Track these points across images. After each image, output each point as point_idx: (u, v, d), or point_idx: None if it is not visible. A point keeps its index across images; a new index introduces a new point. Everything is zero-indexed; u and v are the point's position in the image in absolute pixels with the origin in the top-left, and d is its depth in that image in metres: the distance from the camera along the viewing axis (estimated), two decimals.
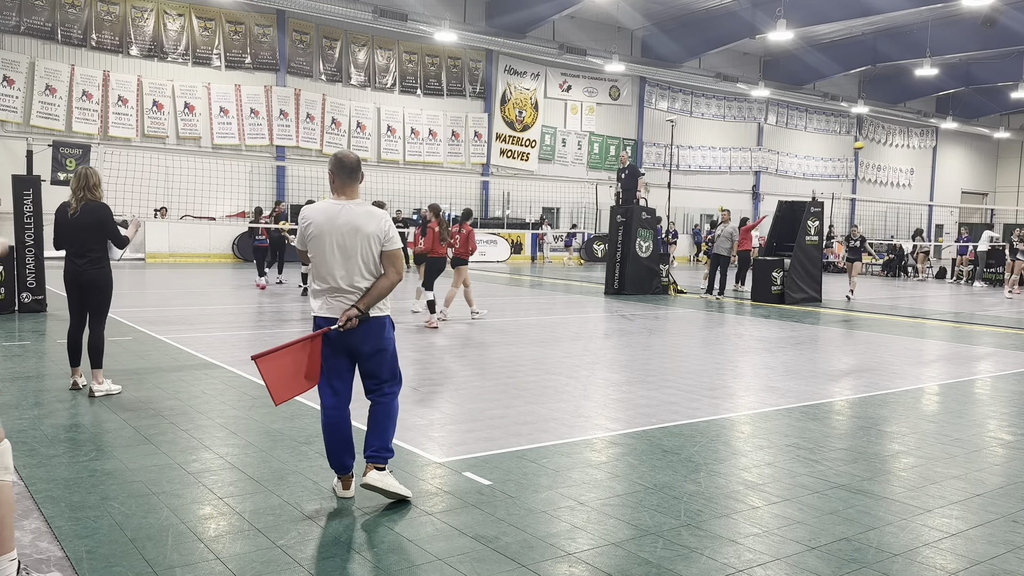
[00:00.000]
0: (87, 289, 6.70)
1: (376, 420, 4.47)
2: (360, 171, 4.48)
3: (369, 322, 4.34)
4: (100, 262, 6.69)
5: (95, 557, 3.64)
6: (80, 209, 6.59)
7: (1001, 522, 4.41)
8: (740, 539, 4.07)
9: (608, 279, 17.74)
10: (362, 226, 4.31)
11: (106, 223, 6.65)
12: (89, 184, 6.64)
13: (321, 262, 4.34)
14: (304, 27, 26.56)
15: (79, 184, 6.62)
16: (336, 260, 4.31)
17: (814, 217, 17.00)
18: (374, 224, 4.34)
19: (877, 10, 26.77)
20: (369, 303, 4.31)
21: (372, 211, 4.37)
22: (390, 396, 4.50)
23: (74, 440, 5.43)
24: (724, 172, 37.61)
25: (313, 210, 4.41)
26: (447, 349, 9.64)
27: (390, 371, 4.49)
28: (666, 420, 6.45)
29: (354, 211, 4.35)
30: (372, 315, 4.35)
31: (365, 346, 4.37)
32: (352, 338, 4.33)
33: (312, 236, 4.35)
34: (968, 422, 6.75)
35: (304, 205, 5.22)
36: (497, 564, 3.70)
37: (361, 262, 4.33)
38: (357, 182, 4.46)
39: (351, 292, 4.33)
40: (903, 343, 11.50)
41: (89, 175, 6.67)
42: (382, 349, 4.42)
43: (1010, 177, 49.02)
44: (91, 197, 6.65)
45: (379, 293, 4.35)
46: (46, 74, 22.77)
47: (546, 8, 27.19)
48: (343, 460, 4.47)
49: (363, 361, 4.42)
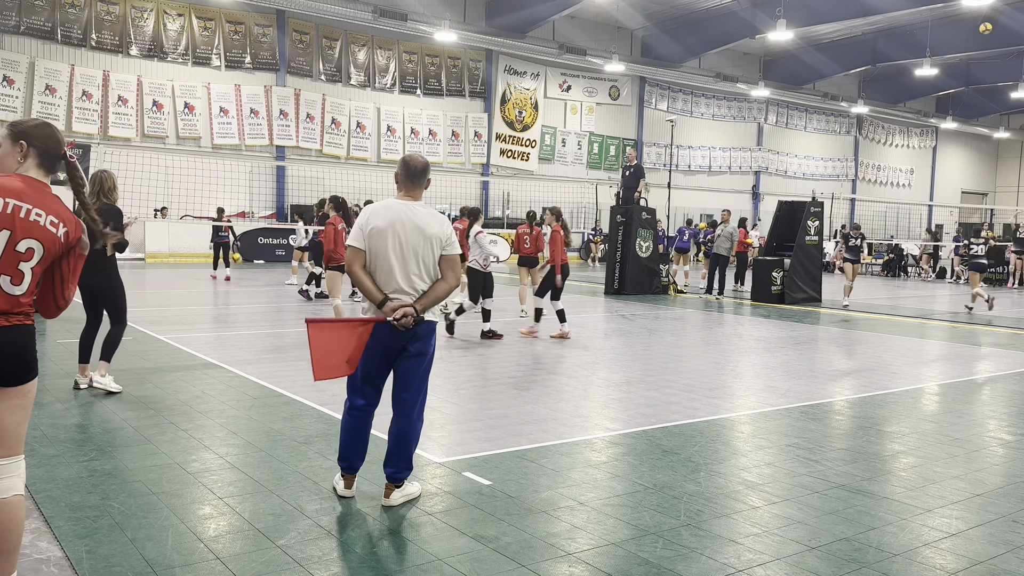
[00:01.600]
0: (97, 295, 6.80)
1: (400, 435, 4.40)
2: (426, 175, 4.47)
3: (423, 324, 4.31)
4: (106, 267, 6.67)
5: (95, 557, 3.64)
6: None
7: (1001, 522, 4.41)
8: (740, 539, 4.07)
9: (608, 279, 17.74)
10: (426, 227, 4.30)
11: (112, 228, 6.54)
12: (104, 188, 6.63)
13: (380, 259, 4.28)
14: (304, 27, 26.55)
15: (93, 189, 6.58)
16: (396, 258, 4.27)
17: (814, 217, 17.01)
18: (437, 226, 4.34)
19: (877, 10, 26.77)
20: (426, 305, 4.28)
21: (436, 214, 4.38)
22: (416, 410, 4.43)
23: (74, 440, 5.43)
24: (724, 172, 37.61)
25: (378, 207, 4.38)
26: (447, 349, 9.64)
27: (421, 381, 4.41)
28: (666, 420, 6.45)
29: (419, 211, 4.35)
30: (426, 318, 4.32)
31: (412, 346, 4.31)
32: (403, 337, 4.28)
33: (374, 232, 4.28)
34: (968, 422, 6.75)
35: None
36: (497, 564, 3.70)
37: (422, 263, 4.30)
38: (422, 187, 4.45)
39: (408, 293, 4.29)
40: (903, 343, 11.50)
41: (104, 179, 6.65)
42: (423, 353, 4.37)
43: (1010, 177, 49.02)
44: (106, 201, 6.62)
45: (436, 296, 4.32)
46: (46, 74, 22.77)
47: (546, 8, 27.18)
48: (354, 462, 4.47)
49: (402, 362, 4.34)
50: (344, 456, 4.46)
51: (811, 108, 39.86)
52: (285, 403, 6.59)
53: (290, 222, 23.13)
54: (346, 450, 4.45)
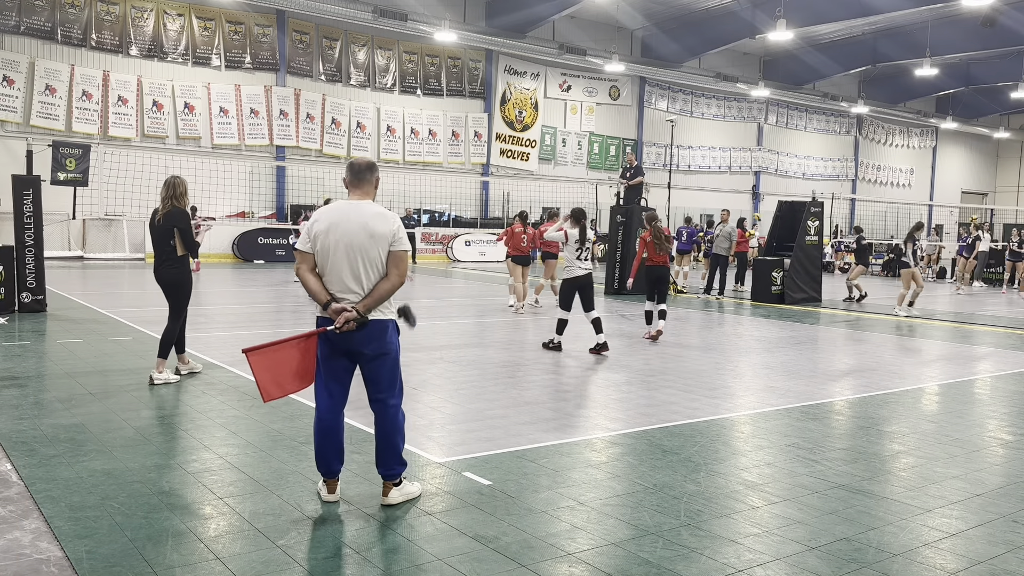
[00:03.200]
0: (164, 288, 7.32)
1: (384, 434, 4.42)
2: (374, 174, 4.48)
3: (369, 325, 4.28)
4: (175, 263, 7.22)
5: (95, 557, 3.64)
6: (164, 216, 7.15)
7: (1001, 522, 4.41)
8: (740, 539, 4.07)
9: (608, 279, 17.73)
10: (372, 226, 4.28)
11: (179, 228, 7.16)
12: (176, 193, 7.21)
13: (327, 261, 4.28)
14: (304, 27, 26.54)
15: (167, 193, 7.21)
16: (342, 260, 4.25)
17: (814, 217, 17.00)
18: (384, 224, 4.31)
19: (877, 10, 26.75)
20: (369, 305, 4.25)
21: (383, 212, 4.36)
22: (394, 408, 4.43)
23: (74, 440, 5.43)
24: (724, 172, 37.60)
25: (325, 209, 4.41)
26: (447, 349, 9.64)
27: (390, 378, 4.41)
28: (666, 420, 6.45)
29: (366, 210, 4.32)
30: (373, 318, 4.29)
31: (367, 348, 4.31)
32: (353, 340, 4.28)
33: (319, 234, 4.28)
34: (968, 422, 6.75)
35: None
36: (497, 564, 3.70)
37: (368, 262, 4.28)
38: (371, 184, 4.46)
39: (355, 292, 4.28)
40: (903, 343, 11.50)
41: (176, 184, 7.25)
42: (384, 353, 4.35)
43: (1010, 177, 49.01)
44: (177, 205, 7.20)
45: (380, 295, 4.28)
46: (46, 74, 22.76)
47: (546, 8, 27.17)
48: (332, 466, 4.43)
49: (364, 364, 4.37)
50: (320, 461, 4.43)
51: (811, 108, 39.85)
52: (285, 403, 6.59)
53: (302, 221, 23.06)
54: (321, 455, 4.41)
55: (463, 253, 28.17)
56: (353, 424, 5.60)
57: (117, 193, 21.69)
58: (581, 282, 9.59)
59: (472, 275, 22.57)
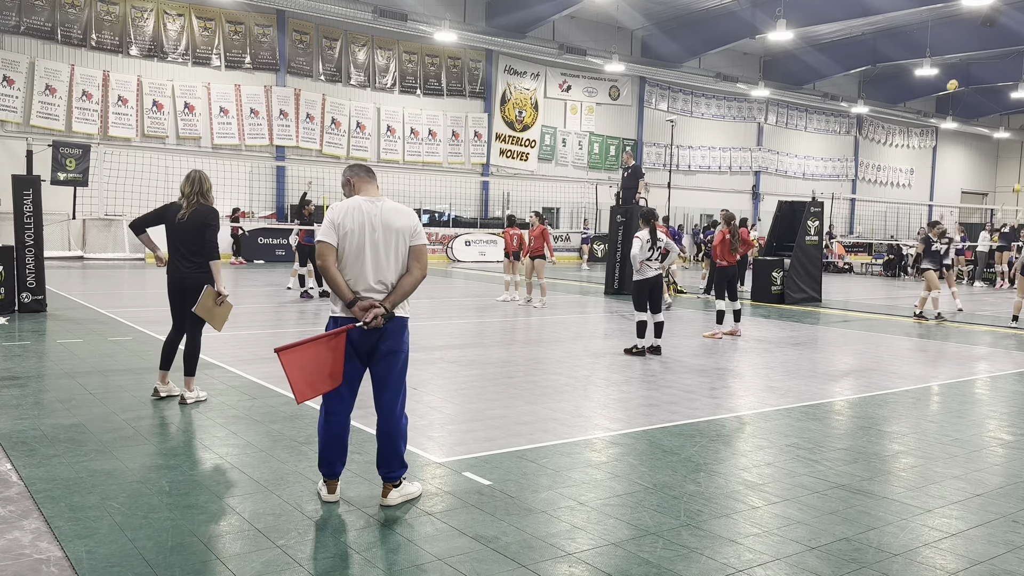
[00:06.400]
0: (188, 293, 6.53)
1: (387, 436, 4.41)
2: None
3: (393, 321, 4.29)
4: (202, 267, 6.52)
5: (95, 557, 3.64)
6: (189, 214, 6.46)
7: (1001, 522, 4.41)
8: (740, 539, 4.07)
9: (608, 279, 17.73)
10: (394, 222, 4.30)
11: (208, 229, 6.48)
12: (203, 189, 6.55)
13: (353, 260, 4.26)
14: (304, 27, 26.54)
15: (192, 189, 6.51)
16: (368, 257, 4.25)
17: (814, 217, 17.01)
18: (404, 220, 4.35)
19: (877, 10, 26.75)
20: (395, 301, 4.26)
21: (401, 208, 4.39)
22: (398, 411, 4.42)
23: (74, 440, 5.43)
24: (724, 172, 37.60)
25: (348, 207, 4.32)
26: (447, 349, 9.64)
27: (399, 379, 4.40)
28: (666, 420, 6.45)
29: (386, 207, 4.35)
30: (396, 314, 4.30)
31: (384, 345, 4.31)
32: (373, 337, 4.28)
33: (347, 232, 4.25)
34: (968, 422, 6.75)
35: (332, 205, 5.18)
36: (497, 564, 3.70)
37: (393, 258, 4.29)
38: (376, 183, 4.54)
39: (378, 291, 4.28)
40: (903, 343, 11.50)
41: (203, 179, 6.59)
42: (397, 351, 4.36)
43: (1010, 177, 48.99)
44: (203, 201, 6.55)
45: (404, 291, 4.30)
46: (46, 74, 22.75)
47: (546, 8, 27.17)
48: (335, 467, 4.43)
49: (376, 363, 4.34)
50: (324, 462, 4.42)
51: (811, 108, 39.85)
52: (285, 403, 6.59)
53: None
54: (325, 456, 4.41)
55: (463, 253, 28.19)
56: (353, 424, 5.59)
57: (117, 193, 21.70)
58: (652, 283, 9.68)
59: (472, 275, 22.58)
